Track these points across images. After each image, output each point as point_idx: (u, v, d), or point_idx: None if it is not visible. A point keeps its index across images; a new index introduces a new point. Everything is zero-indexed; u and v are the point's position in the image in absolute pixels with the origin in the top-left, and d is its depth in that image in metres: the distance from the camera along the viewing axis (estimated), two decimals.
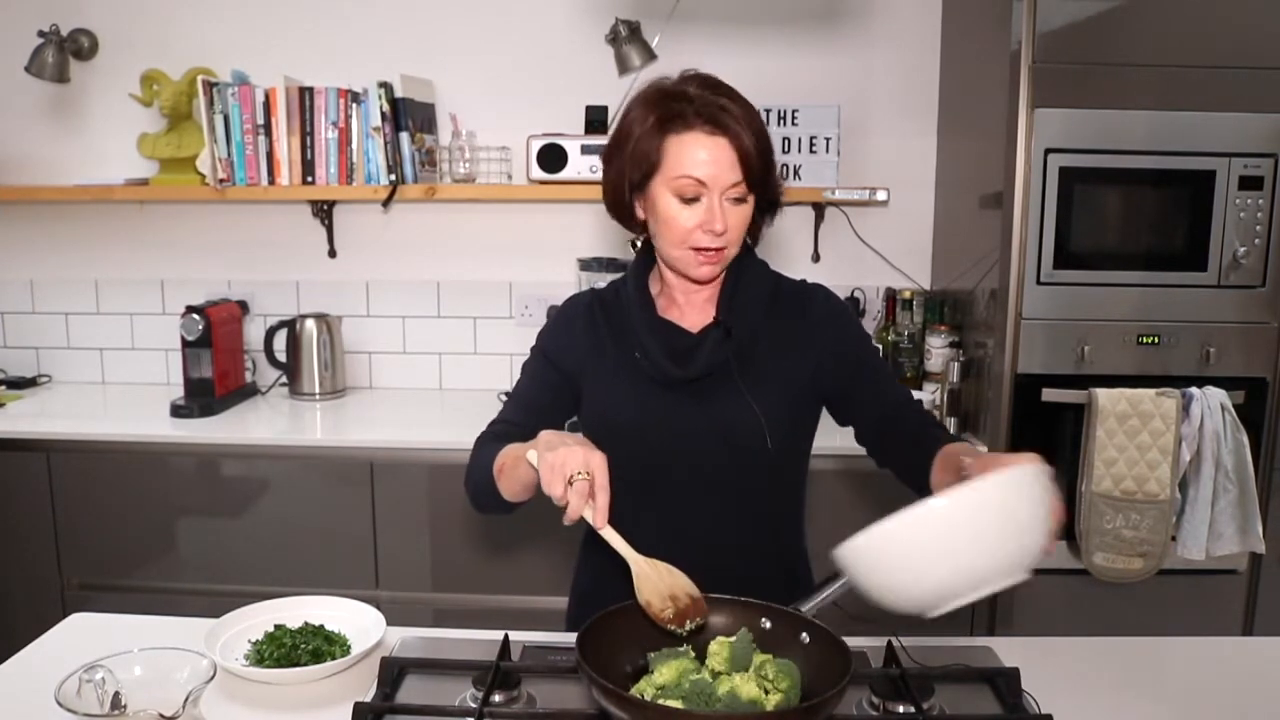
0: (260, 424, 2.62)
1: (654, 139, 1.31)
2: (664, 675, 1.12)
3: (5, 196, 2.82)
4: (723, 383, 1.38)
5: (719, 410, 1.38)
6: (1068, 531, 2.32)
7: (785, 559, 1.49)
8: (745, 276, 1.42)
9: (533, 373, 1.48)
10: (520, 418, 1.43)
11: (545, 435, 1.21)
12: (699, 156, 1.29)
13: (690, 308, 1.44)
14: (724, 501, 1.41)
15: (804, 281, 1.50)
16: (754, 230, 1.41)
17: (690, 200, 1.31)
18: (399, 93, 2.65)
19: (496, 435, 1.40)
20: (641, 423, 1.39)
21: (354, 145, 2.67)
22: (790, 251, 2.86)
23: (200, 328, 2.67)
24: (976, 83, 2.54)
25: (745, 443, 1.37)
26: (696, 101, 1.30)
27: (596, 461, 1.15)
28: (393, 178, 2.66)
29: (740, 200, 1.32)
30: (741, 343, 1.39)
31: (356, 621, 1.42)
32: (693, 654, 1.16)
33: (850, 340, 1.46)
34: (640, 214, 1.38)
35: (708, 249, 1.32)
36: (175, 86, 2.73)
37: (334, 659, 1.32)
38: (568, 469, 1.14)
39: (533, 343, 1.51)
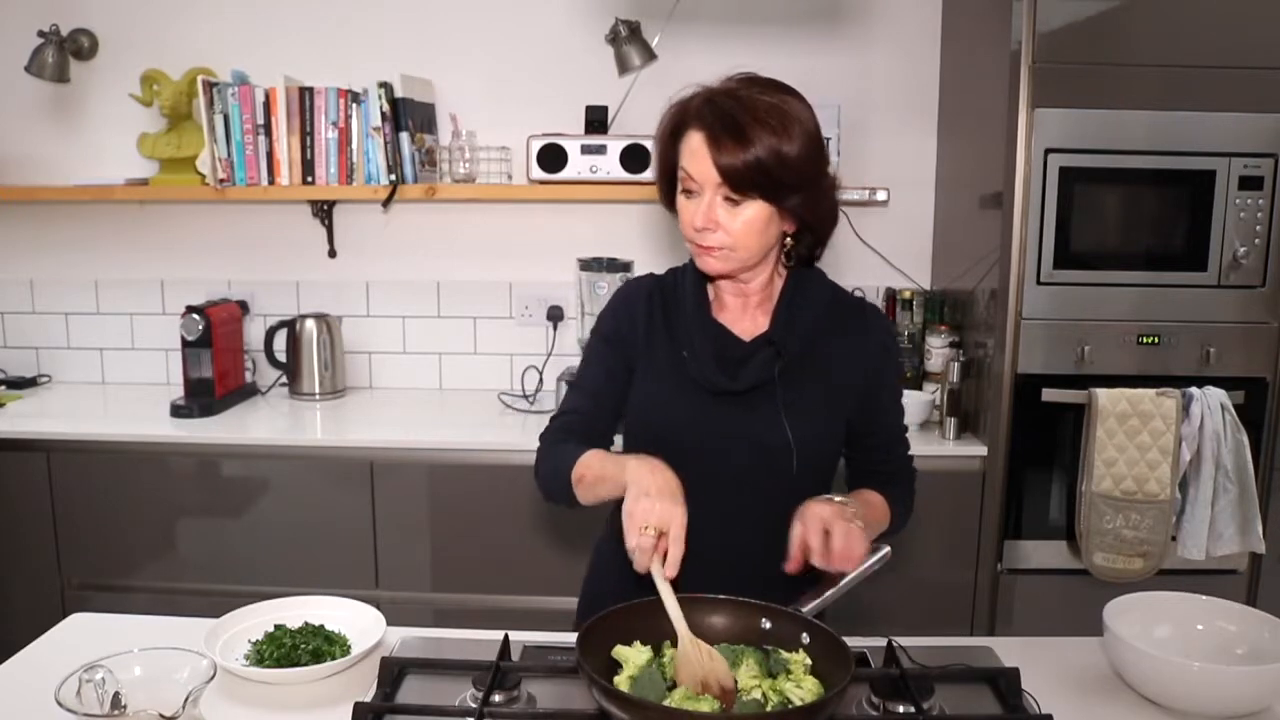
0: (260, 424, 2.62)
1: (667, 129, 1.35)
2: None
3: (5, 196, 2.82)
4: (764, 399, 1.38)
5: (755, 426, 1.38)
6: (1068, 531, 2.32)
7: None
8: (803, 291, 1.42)
9: (595, 359, 1.48)
10: (586, 406, 1.45)
11: (635, 470, 1.23)
12: (689, 151, 1.31)
13: (742, 312, 1.44)
14: (744, 504, 1.41)
15: (862, 300, 1.51)
16: (805, 248, 1.41)
17: (690, 194, 1.33)
18: (399, 93, 2.64)
19: (567, 429, 1.43)
20: (677, 423, 1.40)
21: (354, 145, 2.67)
22: None
23: (200, 328, 2.66)
24: (976, 83, 2.54)
25: (774, 461, 1.38)
26: (699, 99, 1.32)
27: (675, 522, 1.17)
28: (393, 178, 2.66)
29: (734, 202, 1.30)
30: (789, 360, 1.39)
31: (356, 621, 1.42)
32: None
33: (889, 377, 1.49)
34: None
35: (703, 245, 1.34)
36: (175, 86, 2.73)
37: (334, 659, 1.32)
38: (645, 522, 1.17)
39: (578, 333, 1.52)
